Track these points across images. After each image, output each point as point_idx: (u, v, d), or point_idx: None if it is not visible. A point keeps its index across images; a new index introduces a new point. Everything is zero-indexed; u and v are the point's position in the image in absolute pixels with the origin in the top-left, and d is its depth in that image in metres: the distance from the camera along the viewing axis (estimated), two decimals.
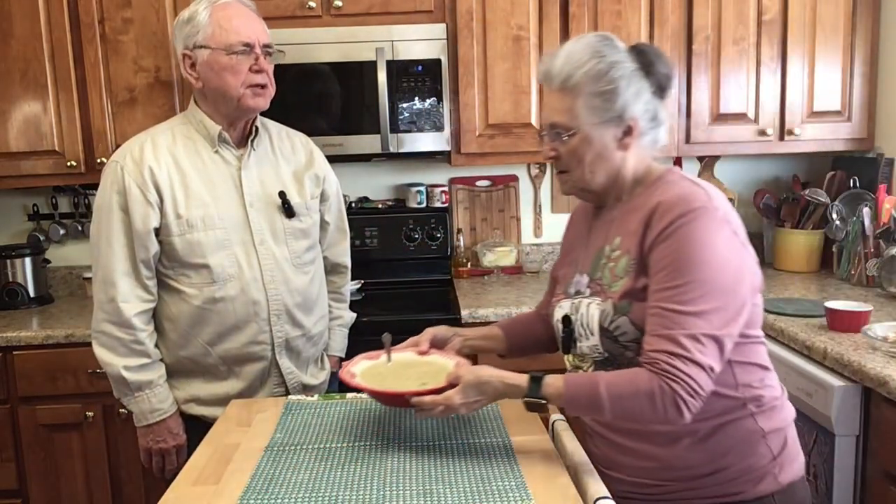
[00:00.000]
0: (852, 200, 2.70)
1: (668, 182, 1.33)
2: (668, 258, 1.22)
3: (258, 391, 1.87)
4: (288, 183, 1.89)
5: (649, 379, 1.18)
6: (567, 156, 1.35)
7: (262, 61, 1.77)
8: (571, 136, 1.32)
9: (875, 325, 1.91)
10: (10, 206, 2.97)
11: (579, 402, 1.23)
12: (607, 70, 1.30)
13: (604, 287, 1.33)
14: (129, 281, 1.75)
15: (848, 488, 1.83)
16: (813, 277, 2.75)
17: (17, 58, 2.53)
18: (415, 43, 2.54)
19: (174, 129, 1.85)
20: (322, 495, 1.21)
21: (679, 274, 1.20)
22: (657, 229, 1.24)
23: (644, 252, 1.27)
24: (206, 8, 1.76)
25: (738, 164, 3.08)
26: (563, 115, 1.33)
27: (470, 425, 1.47)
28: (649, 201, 1.30)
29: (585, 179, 1.36)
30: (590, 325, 1.34)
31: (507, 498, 1.18)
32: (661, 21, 2.63)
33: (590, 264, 1.39)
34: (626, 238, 1.32)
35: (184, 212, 1.76)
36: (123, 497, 2.49)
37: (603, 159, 1.34)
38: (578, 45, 1.33)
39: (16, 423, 2.43)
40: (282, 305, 1.84)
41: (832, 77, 2.71)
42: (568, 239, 1.56)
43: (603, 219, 1.42)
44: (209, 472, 1.33)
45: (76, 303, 2.85)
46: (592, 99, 1.30)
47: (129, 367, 1.76)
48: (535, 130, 2.67)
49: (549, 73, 1.33)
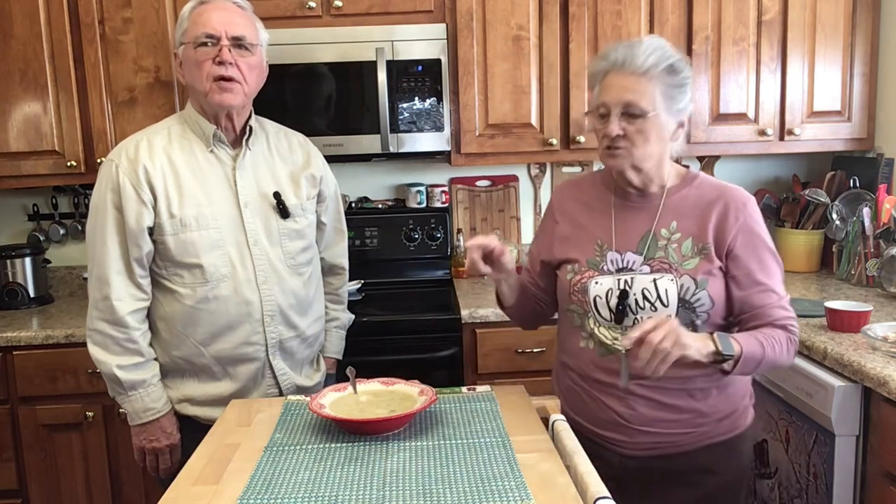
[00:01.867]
0: (852, 200, 2.70)
1: (707, 179, 1.60)
2: (748, 247, 1.53)
3: (252, 391, 1.86)
4: (284, 183, 1.87)
5: (787, 338, 1.50)
6: (634, 134, 1.49)
7: (225, 53, 1.71)
8: (645, 117, 1.47)
9: (875, 325, 1.91)
10: (10, 206, 2.98)
11: (751, 359, 1.44)
12: (683, 69, 1.51)
13: (673, 265, 1.52)
14: (122, 279, 1.74)
15: (848, 488, 1.83)
16: (813, 277, 2.75)
17: (17, 58, 2.53)
18: (415, 43, 2.54)
19: (170, 128, 1.84)
20: (322, 495, 1.21)
21: (766, 260, 1.56)
22: (733, 224, 1.52)
23: (718, 241, 1.52)
24: (190, 6, 1.77)
25: (738, 164, 3.08)
26: (643, 97, 1.47)
27: (470, 425, 1.48)
28: (705, 194, 1.55)
29: (643, 158, 1.52)
30: (664, 298, 1.50)
31: (507, 498, 1.18)
32: (661, 21, 2.63)
33: (636, 245, 1.56)
34: (683, 222, 1.54)
35: (177, 211, 1.75)
36: (123, 497, 2.49)
37: (662, 144, 1.53)
38: (659, 42, 1.51)
39: (16, 423, 2.43)
40: (275, 306, 1.82)
41: (832, 77, 2.71)
42: (568, 222, 1.66)
43: (638, 205, 1.59)
44: (209, 472, 1.33)
45: (76, 303, 2.86)
46: (670, 89, 1.49)
47: (122, 365, 1.75)
48: (535, 130, 2.67)
49: (628, 59, 1.48)
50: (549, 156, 2.71)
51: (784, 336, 1.49)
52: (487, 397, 1.63)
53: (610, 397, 1.57)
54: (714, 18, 2.66)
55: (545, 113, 2.66)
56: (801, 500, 2.00)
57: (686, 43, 2.68)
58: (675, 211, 1.56)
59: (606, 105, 1.50)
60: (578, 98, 2.65)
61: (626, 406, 1.55)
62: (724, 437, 1.58)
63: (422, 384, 1.56)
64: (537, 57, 2.64)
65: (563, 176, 3.07)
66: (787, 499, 2.07)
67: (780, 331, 1.50)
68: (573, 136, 2.67)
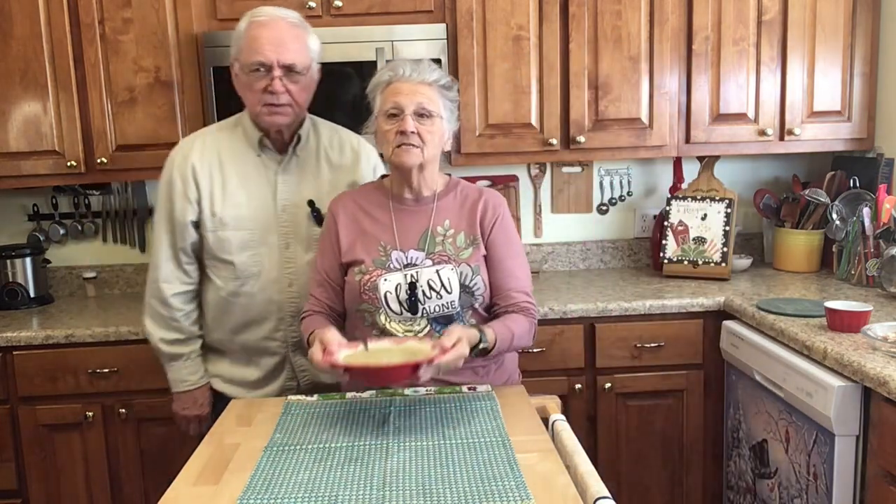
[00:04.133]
0: (852, 200, 2.70)
1: (468, 184, 1.84)
2: (502, 236, 1.76)
3: (272, 381, 1.99)
4: (324, 190, 1.93)
5: (530, 322, 1.74)
6: (425, 133, 1.69)
7: (277, 84, 1.80)
8: (433, 118, 1.70)
9: (875, 325, 1.91)
10: (10, 206, 2.97)
11: (503, 344, 1.65)
12: (455, 87, 1.77)
13: (451, 256, 1.72)
14: (170, 265, 1.94)
15: (848, 488, 1.84)
16: (813, 277, 2.75)
17: (17, 58, 2.53)
18: (415, 43, 2.54)
19: (229, 130, 1.97)
20: (322, 495, 1.21)
21: (514, 248, 1.78)
22: (492, 217, 1.76)
23: (483, 231, 1.75)
24: (246, 22, 1.85)
25: (738, 164, 3.08)
26: (431, 101, 1.69)
27: (470, 425, 1.48)
28: (469, 195, 1.79)
29: (431, 158, 1.74)
30: (448, 285, 1.69)
31: (507, 498, 1.18)
32: (660, 21, 2.63)
33: (417, 242, 1.73)
34: (454, 220, 1.76)
35: (219, 210, 1.89)
36: (123, 497, 2.49)
37: (440, 149, 1.76)
38: (434, 64, 1.76)
39: (16, 423, 2.43)
40: (298, 308, 1.89)
41: (832, 77, 2.71)
42: (350, 230, 1.77)
43: (414, 208, 1.77)
44: (209, 472, 1.33)
45: (76, 303, 2.86)
46: (448, 102, 1.74)
47: (165, 339, 1.97)
48: (535, 130, 2.67)
49: (415, 71, 1.69)
50: (548, 156, 2.72)
51: (526, 321, 1.73)
52: (487, 397, 1.63)
53: (403, 387, 1.71)
54: (714, 18, 2.66)
55: (545, 113, 2.66)
56: (801, 500, 2.00)
57: (686, 43, 2.68)
58: (447, 210, 1.77)
59: (399, 105, 1.67)
60: (578, 98, 2.65)
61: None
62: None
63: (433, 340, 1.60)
64: (537, 57, 2.64)
65: (562, 176, 3.08)
66: (787, 499, 2.07)
67: (521, 316, 1.72)
68: (573, 136, 2.67)
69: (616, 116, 2.67)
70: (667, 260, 2.84)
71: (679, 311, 2.48)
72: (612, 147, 2.70)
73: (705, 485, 2.57)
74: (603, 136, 2.68)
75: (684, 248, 2.82)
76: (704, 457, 2.56)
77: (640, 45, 2.64)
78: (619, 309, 2.46)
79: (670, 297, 2.50)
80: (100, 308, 2.75)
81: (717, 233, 2.79)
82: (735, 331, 2.34)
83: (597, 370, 2.50)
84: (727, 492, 2.49)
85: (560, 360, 2.47)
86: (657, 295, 2.55)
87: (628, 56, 2.64)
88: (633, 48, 2.64)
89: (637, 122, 2.68)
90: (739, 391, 2.35)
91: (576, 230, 3.11)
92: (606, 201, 3.10)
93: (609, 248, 3.11)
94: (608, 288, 2.70)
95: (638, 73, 2.65)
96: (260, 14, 1.84)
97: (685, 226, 2.83)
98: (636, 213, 3.11)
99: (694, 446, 2.55)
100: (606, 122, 2.68)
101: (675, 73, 2.69)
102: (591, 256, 3.11)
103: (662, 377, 2.51)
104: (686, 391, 2.52)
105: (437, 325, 1.71)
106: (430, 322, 1.71)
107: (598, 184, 3.09)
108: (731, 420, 2.42)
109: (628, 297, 2.53)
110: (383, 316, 1.70)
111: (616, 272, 3.01)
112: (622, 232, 3.13)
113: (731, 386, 2.41)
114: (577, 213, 3.10)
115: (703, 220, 2.82)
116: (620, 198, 3.09)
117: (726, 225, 2.78)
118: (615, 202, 3.10)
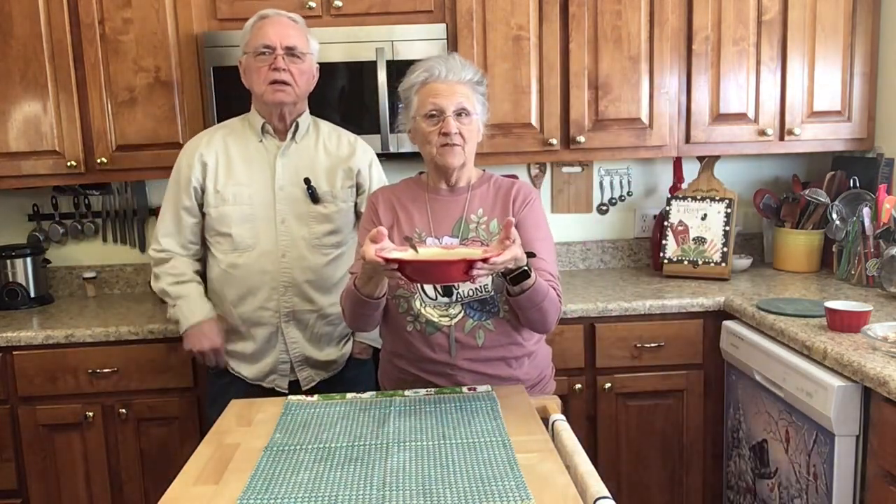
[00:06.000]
0: (852, 200, 2.70)
1: (501, 177, 1.89)
2: (532, 219, 1.80)
3: (266, 354, 2.15)
4: (320, 173, 2.13)
5: (558, 298, 1.73)
6: (466, 132, 1.75)
7: (279, 60, 2.01)
8: (472, 117, 1.75)
9: (875, 325, 1.91)
10: (10, 206, 2.98)
11: (540, 286, 1.64)
12: (485, 81, 1.84)
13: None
14: (170, 240, 2.16)
15: (848, 488, 1.84)
16: (813, 277, 2.75)
17: (17, 58, 2.53)
18: (415, 43, 2.54)
19: (236, 125, 2.18)
20: (322, 495, 1.21)
21: (543, 232, 1.81)
22: (523, 201, 1.81)
23: (514, 213, 1.78)
24: (253, 20, 2.09)
25: (738, 164, 3.08)
26: (468, 100, 1.74)
27: (470, 425, 1.48)
28: (502, 185, 1.85)
29: (471, 154, 1.80)
30: None
31: (507, 498, 1.18)
32: (660, 21, 2.63)
33: (451, 229, 1.79)
34: (487, 208, 1.81)
35: (221, 188, 2.09)
36: (123, 497, 2.49)
37: (476, 144, 1.81)
38: (463, 58, 1.80)
39: (16, 423, 2.43)
40: (290, 278, 2.09)
41: (832, 77, 2.71)
42: (388, 219, 1.82)
43: (448, 198, 1.82)
44: (209, 472, 1.33)
45: (76, 303, 2.86)
46: (481, 97, 1.80)
47: (170, 283, 2.16)
48: (535, 130, 2.67)
49: (451, 71, 1.74)
50: (549, 156, 2.72)
51: (555, 296, 1.73)
52: (487, 397, 1.63)
53: (440, 377, 1.76)
54: (714, 18, 2.66)
55: (545, 113, 2.66)
56: (800, 500, 2.00)
57: (686, 43, 2.68)
58: (481, 199, 1.83)
59: (439, 107, 1.72)
60: (578, 98, 2.65)
61: (454, 383, 1.76)
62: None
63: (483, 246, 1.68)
64: (537, 57, 2.64)
65: (562, 176, 3.08)
66: (787, 499, 2.07)
67: (552, 291, 1.72)
68: (573, 136, 2.67)
69: (616, 116, 2.67)
70: (667, 260, 2.84)
71: (679, 311, 2.48)
72: (612, 147, 2.70)
73: (705, 485, 2.58)
74: (603, 136, 2.68)
75: (684, 248, 2.82)
76: (704, 457, 2.56)
77: (640, 45, 2.64)
78: (619, 309, 2.46)
79: (670, 297, 2.51)
80: (100, 308, 2.75)
81: (717, 233, 2.79)
82: (735, 331, 2.34)
83: (597, 370, 2.50)
84: (727, 492, 2.49)
85: (560, 360, 2.46)
86: (657, 295, 2.55)
87: (628, 56, 2.64)
88: (633, 48, 2.64)
89: (637, 122, 2.68)
90: (739, 391, 2.35)
91: (576, 230, 3.11)
92: (606, 201, 3.10)
93: (609, 248, 3.11)
94: (608, 288, 2.70)
95: (638, 73, 2.65)
96: (266, 13, 2.08)
97: (685, 226, 2.84)
98: (636, 213, 3.11)
99: (694, 446, 2.55)
100: (606, 122, 2.68)
101: (675, 73, 2.69)
102: (591, 256, 3.11)
103: (662, 377, 2.51)
104: (686, 391, 2.52)
105: (472, 311, 1.75)
106: (465, 307, 1.74)
107: (598, 184, 3.09)
108: (731, 420, 2.42)
109: (628, 297, 2.53)
110: (418, 301, 1.75)
111: (616, 272, 3.01)
112: (622, 232, 3.13)
113: (731, 386, 2.41)
114: (577, 213, 3.10)
115: (703, 220, 2.82)
116: (620, 198, 3.10)
117: (726, 225, 2.78)
118: (615, 202, 3.10)
